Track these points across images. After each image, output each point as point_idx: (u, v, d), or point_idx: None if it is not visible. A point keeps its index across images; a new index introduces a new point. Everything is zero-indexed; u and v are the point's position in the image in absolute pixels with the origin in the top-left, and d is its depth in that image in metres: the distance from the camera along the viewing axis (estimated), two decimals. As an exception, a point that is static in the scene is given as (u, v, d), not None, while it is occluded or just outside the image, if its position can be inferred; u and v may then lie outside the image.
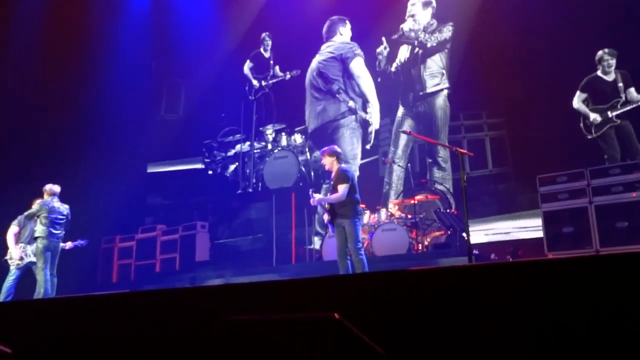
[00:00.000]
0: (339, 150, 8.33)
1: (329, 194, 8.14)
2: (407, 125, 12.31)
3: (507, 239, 10.78)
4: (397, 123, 12.49)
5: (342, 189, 7.77)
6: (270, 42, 13.81)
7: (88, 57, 13.21)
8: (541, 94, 10.61)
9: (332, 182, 8.01)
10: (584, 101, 10.38)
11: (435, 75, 12.30)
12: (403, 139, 12.24)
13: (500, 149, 11.60)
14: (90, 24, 13.46)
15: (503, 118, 11.68)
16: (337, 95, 12.80)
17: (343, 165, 8.16)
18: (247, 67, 14.03)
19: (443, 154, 11.89)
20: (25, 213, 9.28)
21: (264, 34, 13.83)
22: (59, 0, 12.88)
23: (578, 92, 10.40)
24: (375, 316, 3.61)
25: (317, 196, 8.14)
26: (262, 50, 13.85)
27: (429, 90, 12.28)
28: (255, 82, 13.74)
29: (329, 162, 8.06)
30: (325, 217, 8.00)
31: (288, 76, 13.40)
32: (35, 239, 9.12)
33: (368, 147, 12.51)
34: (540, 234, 9.26)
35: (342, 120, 12.63)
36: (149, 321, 4.41)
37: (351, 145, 12.39)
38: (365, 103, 12.65)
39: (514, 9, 11.06)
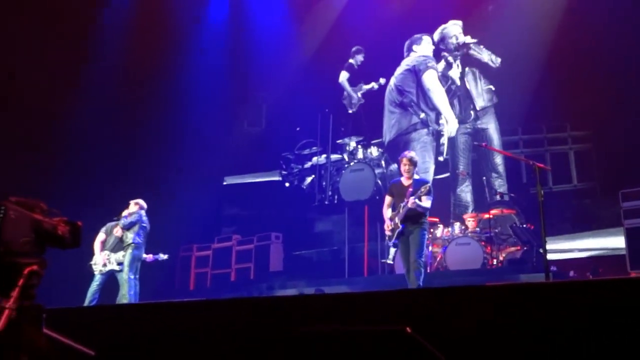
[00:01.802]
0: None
1: (404, 204, 7.63)
2: (463, 142, 12.32)
3: (587, 255, 10.44)
4: (454, 141, 12.48)
5: (429, 201, 7.54)
6: (362, 55, 13.91)
7: (170, 70, 13.63)
8: (629, 106, 10.25)
9: (411, 190, 7.57)
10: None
11: (488, 91, 12.37)
12: (466, 155, 12.18)
13: (585, 162, 11.28)
14: (171, 37, 13.90)
15: (589, 131, 11.34)
16: (409, 108, 12.80)
17: (421, 175, 8.06)
18: (343, 77, 14.07)
19: (502, 166, 11.81)
20: (124, 221, 9.61)
21: (355, 47, 13.93)
22: (142, 15, 13.31)
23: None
24: (447, 331, 3.58)
25: (416, 201, 7.50)
26: (352, 61, 13.96)
27: (485, 105, 12.33)
28: (354, 94, 13.85)
29: (410, 170, 7.70)
30: (388, 226, 7.69)
31: (376, 86, 13.48)
32: (128, 246, 9.49)
33: (441, 159, 12.41)
34: (622, 251, 8.91)
35: (414, 134, 12.59)
36: (224, 328, 4.52)
37: (422, 159, 12.31)
38: (438, 116, 12.58)
39: (600, 19, 10.73)
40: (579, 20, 11.09)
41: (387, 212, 7.81)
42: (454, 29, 12.86)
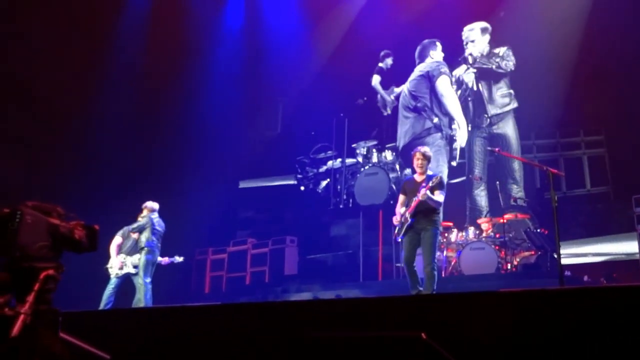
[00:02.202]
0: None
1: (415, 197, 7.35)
2: (479, 145, 12.34)
3: (601, 260, 10.40)
4: (470, 146, 12.50)
5: (442, 195, 7.37)
6: (391, 58, 13.97)
7: (186, 74, 13.79)
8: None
9: (424, 185, 7.29)
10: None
11: (505, 96, 12.34)
12: (482, 159, 12.17)
13: (598, 168, 11.26)
14: (188, 42, 14.05)
15: (602, 136, 11.35)
16: (422, 112, 12.85)
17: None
18: (376, 81, 14.14)
19: (519, 172, 11.79)
20: (134, 225, 9.71)
21: (384, 51, 14.00)
22: (159, 19, 13.45)
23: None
24: (463, 337, 3.59)
25: (427, 193, 7.25)
26: (382, 65, 14.02)
27: (501, 110, 12.32)
28: (387, 97, 13.91)
29: (424, 165, 7.50)
30: (397, 219, 7.48)
31: (400, 89, 13.58)
32: (141, 250, 9.56)
33: (454, 164, 12.45)
34: (636, 256, 8.88)
35: (428, 138, 12.63)
36: (238, 333, 4.57)
37: (436, 163, 12.37)
38: (451, 121, 12.62)
39: (614, 25, 10.71)
40: (592, 26, 11.10)
41: (401, 211, 7.58)
42: (476, 32, 12.91)
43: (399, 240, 7.62)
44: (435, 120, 12.70)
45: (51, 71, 11.62)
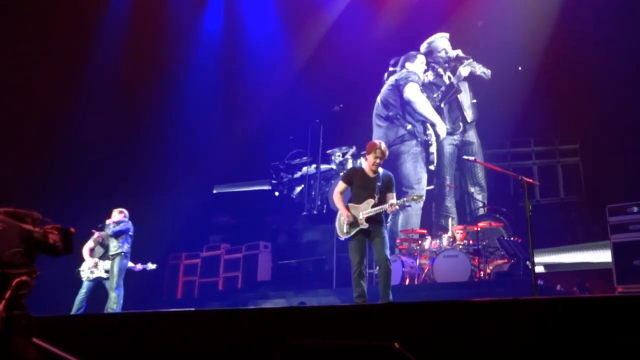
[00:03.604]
0: None
1: (373, 199, 6.95)
2: (449, 153, 12.52)
3: (574, 269, 10.49)
4: (441, 152, 12.64)
5: (394, 195, 7.09)
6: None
7: (162, 80, 13.77)
8: (617, 120, 10.36)
9: (379, 185, 6.95)
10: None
11: (474, 105, 12.59)
12: (452, 166, 12.32)
13: (573, 176, 11.37)
14: (165, 46, 14.01)
15: (577, 145, 11.47)
16: (394, 121, 12.94)
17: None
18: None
19: (483, 179, 11.99)
20: (111, 230, 9.50)
21: (393, 59, 14.04)
22: (137, 24, 13.41)
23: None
24: (435, 346, 3.59)
25: (397, 202, 6.99)
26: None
27: (471, 118, 12.55)
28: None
29: (380, 164, 7.08)
30: (348, 220, 6.93)
31: None
32: (116, 255, 9.41)
33: (432, 167, 12.55)
34: (609, 265, 8.96)
35: (403, 147, 12.73)
36: (210, 340, 4.52)
37: (414, 170, 12.44)
38: (424, 126, 12.71)
39: (588, 35, 10.85)
40: (567, 36, 11.24)
41: (340, 200, 7.12)
42: (441, 42, 13.10)
43: (344, 239, 7.14)
44: (409, 127, 12.81)
45: (23, 74, 11.53)
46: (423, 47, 13.18)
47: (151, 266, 10.04)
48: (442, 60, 12.95)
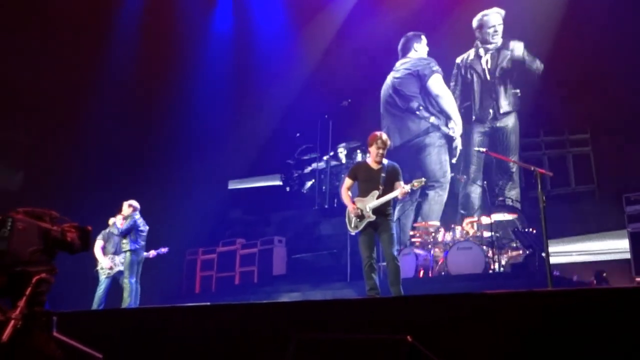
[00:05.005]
0: None
1: (377, 191, 6.93)
2: (479, 142, 12.27)
3: (591, 260, 10.41)
4: (468, 140, 12.48)
5: (402, 183, 7.02)
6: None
7: (176, 78, 13.90)
8: (628, 109, 10.29)
9: (383, 176, 6.93)
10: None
11: (513, 95, 12.21)
12: (479, 156, 12.12)
13: (584, 166, 11.29)
14: (178, 45, 14.13)
15: (587, 134, 11.37)
16: (417, 112, 12.85)
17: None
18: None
19: (516, 171, 11.79)
20: (118, 230, 9.67)
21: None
22: (149, 23, 13.56)
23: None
24: (449, 340, 3.60)
25: (406, 187, 6.91)
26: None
27: (505, 109, 12.21)
28: None
29: (384, 154, 7.03)
30: (355, 213, 6.92)
31: None
32: (126, 252, 9.58)
33: (454, 161, 12.54)
34: (627, 255, 8.87)
35: (427, 139, 12.67)
36: (226, 333, 4.59)
37: (439, 163, 12.39)
38: (447, 119, 12.65)
39: (599, 24, 10.79)
40: (577, 24, 11.17)
41: (347, 195, 7.15)
42: (494, 18, 12.55)
43: (354, 233, 7.12)
44: (432, 119, 12.74)
45: (40, 73, 11.68)
46: (475, 19, 12.73)
47: (163, 250, 10.18)
48: (490, 37, 12.54)
